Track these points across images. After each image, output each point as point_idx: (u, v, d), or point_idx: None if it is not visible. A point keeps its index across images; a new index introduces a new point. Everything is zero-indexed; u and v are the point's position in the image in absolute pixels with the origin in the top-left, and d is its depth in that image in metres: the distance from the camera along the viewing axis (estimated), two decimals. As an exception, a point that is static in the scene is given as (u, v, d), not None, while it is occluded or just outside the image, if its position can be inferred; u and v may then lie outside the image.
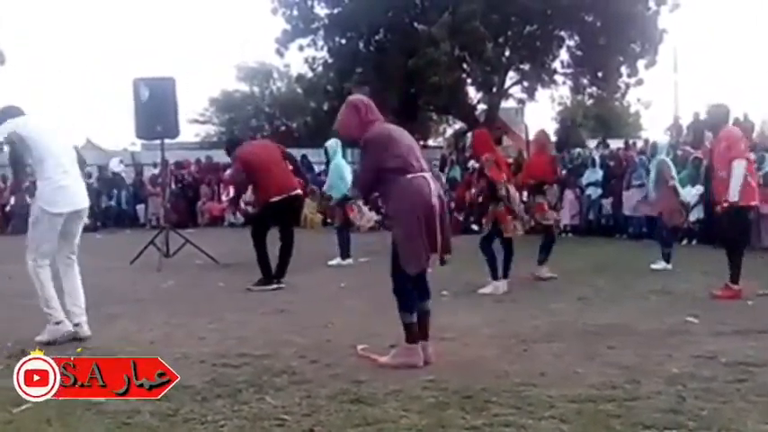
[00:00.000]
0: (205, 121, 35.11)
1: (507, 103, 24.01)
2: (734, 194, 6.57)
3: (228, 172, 8.21)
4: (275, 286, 7.64)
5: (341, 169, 9.88)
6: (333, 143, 9.81)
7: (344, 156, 10.47)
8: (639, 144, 17.81)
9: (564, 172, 12.48)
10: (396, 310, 4.42)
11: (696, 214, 11.42)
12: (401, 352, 4.36)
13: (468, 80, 22.20)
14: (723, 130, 6.89)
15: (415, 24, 20.90)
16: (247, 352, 4.67)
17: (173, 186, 18.23)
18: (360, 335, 4.75)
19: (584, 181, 14.35)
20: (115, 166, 20.53)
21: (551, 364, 4.39)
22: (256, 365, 4.35)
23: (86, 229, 5.63)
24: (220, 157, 21.47)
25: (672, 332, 5.31)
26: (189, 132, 33.12)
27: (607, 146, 18.66)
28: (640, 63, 21.05)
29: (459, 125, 27.56)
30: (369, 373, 4.16)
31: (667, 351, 4.69)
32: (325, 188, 10.83)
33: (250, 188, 9.10)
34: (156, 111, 10.26)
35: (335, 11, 21.36)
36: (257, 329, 5.51)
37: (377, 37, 21.57)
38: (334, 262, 9.68)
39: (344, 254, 9.75)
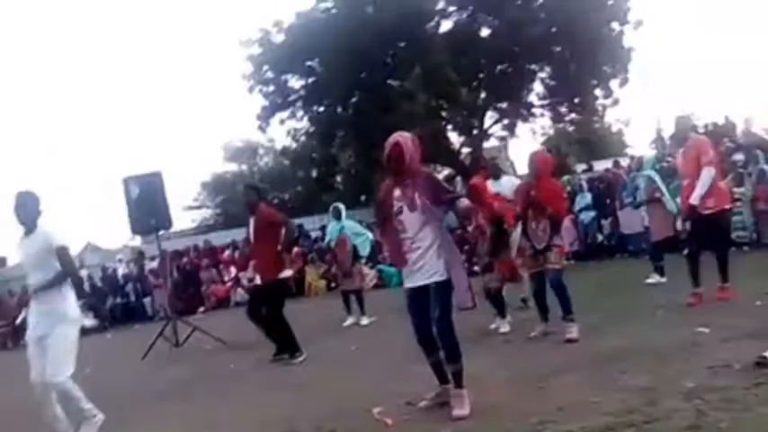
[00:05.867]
0: (200, 206, 35.53)
1: (490, 143, 24.29)
2: (696, 199, 6.80)
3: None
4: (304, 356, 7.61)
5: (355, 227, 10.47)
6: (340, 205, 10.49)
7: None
8: (626, 162, 17.96)
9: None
10: (410, 366, 4.48)
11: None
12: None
13: (449, 126, 22.50)
14: (690, 138, 7.12)
15: (389, 81, 21.30)
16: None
17: (175, 275, 18.27)
18: (376, 397, 4.74)
19: (576, 207, 14.44)
20: (122, 268, 20.70)
21: (568, 397, 4.38)
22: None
23: (96, 329, 5.69)
24: (218, 239, 21.78)
25: (683, 345, 5.30)
26: (186, 219, 33.55)
27: (590, 168, 18.83)
28: (613, 83, 21.41)
29: (447, 171, 27.81)
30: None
31: (681, 366, 4.69)
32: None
33: (252, 264, 9.02)
34: (147, 205, 10.42)
35: (310, 80, 21.80)
36: (274, 407, 5.49)
37: (353, 99, 21.94)
38: (365, 321, 9.77)
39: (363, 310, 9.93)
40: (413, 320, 4.55)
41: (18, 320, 18.30)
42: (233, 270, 18.65)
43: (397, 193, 4.51)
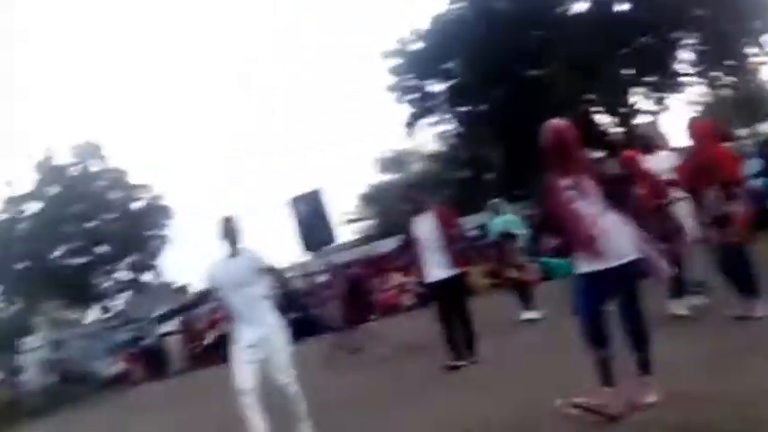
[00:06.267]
0: (360, 218, 36.91)
1: (640, 119, 23.33)
2: None
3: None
4: None
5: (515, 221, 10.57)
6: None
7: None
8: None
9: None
10: (587, 357, 4.48)
11: None
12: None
13: (596, 108, 21.89)
14: None
15: (530, 71, 21.06)
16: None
17: (344, 286, 19.03)
18: (557, 390, 4.79)
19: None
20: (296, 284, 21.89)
21: (763, 377, 4.26)
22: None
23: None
24: (381, 248, 22.45)
25: None
26: (348, 232, 34.97)
27: (756, 131, 17.64)
28: (766, 38, 19.93)
29: (598, 153, 27.00)
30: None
31: None
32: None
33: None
34: (313, 222, 11.09)
35: (452, 82, 22.04)
36: (456, 406, 5.72)
37: (497, 95, 21.90)
38: (534, 315, 9.73)
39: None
40: (583, 309, 4.40)
41: (207, 341, 19.81)
42: (398, 276, 19.19)
43: (565, 182, 4.42)
